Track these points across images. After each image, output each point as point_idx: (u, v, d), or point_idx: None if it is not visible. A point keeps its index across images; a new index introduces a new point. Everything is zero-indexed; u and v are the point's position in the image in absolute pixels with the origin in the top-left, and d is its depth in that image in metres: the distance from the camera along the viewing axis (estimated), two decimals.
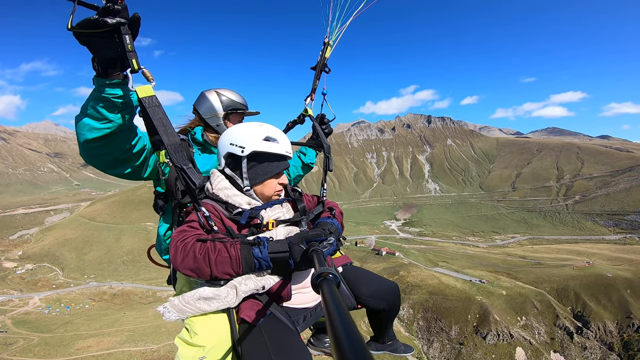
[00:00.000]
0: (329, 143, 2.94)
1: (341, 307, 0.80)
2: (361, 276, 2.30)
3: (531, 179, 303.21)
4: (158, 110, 1.77)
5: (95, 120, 1.72)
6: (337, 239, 2.03)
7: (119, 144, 1.89)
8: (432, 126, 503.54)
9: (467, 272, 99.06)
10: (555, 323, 74.27)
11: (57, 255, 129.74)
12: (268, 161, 2.02)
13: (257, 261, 1.66)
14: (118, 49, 1.61)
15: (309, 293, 1.96)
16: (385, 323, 2.49)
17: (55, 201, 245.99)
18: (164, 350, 46.83)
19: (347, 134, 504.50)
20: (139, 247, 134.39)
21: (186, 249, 1.63)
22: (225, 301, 1.69)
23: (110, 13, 1.52)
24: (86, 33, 1.54)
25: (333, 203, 2.38)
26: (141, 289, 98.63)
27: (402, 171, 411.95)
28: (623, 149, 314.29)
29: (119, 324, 62.26)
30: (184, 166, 1.76)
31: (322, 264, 1.36)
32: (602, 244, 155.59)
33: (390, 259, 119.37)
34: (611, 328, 74.07)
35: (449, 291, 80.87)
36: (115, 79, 1.66)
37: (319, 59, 3.23)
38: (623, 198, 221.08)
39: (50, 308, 79.68)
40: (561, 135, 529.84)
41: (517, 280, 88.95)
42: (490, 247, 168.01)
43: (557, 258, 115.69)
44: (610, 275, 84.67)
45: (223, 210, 1.91)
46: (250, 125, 2.06)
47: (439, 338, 71.79)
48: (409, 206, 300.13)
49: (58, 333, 56.96)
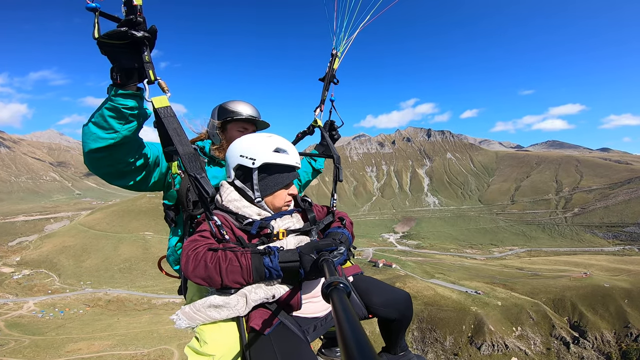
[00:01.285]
0: (338, 154, 2.94)
1: (352, 316, 0.79)
2: (372, 285, 2.28)
3: (530, 192, 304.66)
4: (173, 120, 1.77)
5: (101, 130, 1.76)
6: (348, 249, 2.02)
7: (122, 156, 1.92)
8: (432, 140, 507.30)
9: (463, 283, 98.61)
10: (552, 333, 73.53)
11: (55, 262, 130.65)
12: (278, 172, 2.02)
13: (268, 270, 1.66)
14: (137, 60, 1.66)
15: (319, 302, 1.94)
16: (396, 333, 2.45)
17: (56, 209, 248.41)
18: (154, 355, 46.97)
19: (347, 147, 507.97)
20: (136, 256, 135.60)
21: (197, 258, 1.64)
22: (235, 309, 1.69)
23: (132, 25, 1.57)
24: (110, 43, 1.58)
25: (343, 213, 2.39)
26: (136, 296, 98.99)
27: (402, 185, 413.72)
28: (622, 161, 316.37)
29: (112, 328, 62.42)
30: (198, 175, 1.73)
31: (332, 273, 1.35)
32: (600, 255, 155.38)
33: (387, 270, 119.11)
34: (609, 338, 73.34)
35: (444, 302, 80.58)
36: (129, 90, 1.72)
37: (327, 70, 3.29)
38: (622, 210, 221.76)
39: (44, 312, 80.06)
40: (561, 148, 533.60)
41: (513, 291, 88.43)
42: (487, 259, 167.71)
43: (554, 269, 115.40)
44: (607, 286, 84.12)
45: (233, 221, 1.91)
46: (259, 137, 2.05)
47: (434, 349, 71.06)
48: (407, 219, 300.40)
49: (50, 336, 57.12)
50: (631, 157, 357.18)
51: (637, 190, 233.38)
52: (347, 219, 2.31)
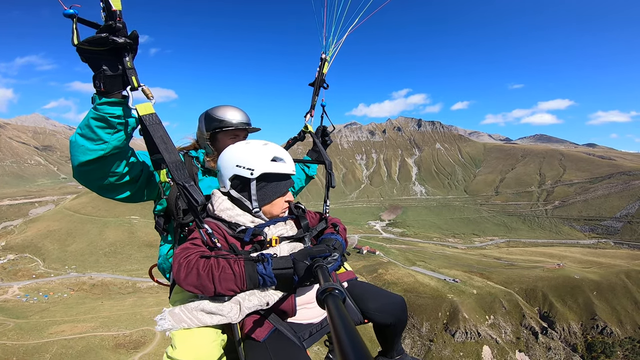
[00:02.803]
0: (330, 160, 2.97)
1: (347, 321, 0.80)
2: (367, 291, 2.30)
3: (514, 184, 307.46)
4: (159, 127, 1.74)
5: (90, 142, 1.70)
6: (342, 255, 2.02)
7: (112, 167, 1.87)
8: (422, 130, 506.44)
9: (442, 271, 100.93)
10: (522, 323, 75.73)
11: (39, 246, 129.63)
12: (276, 181, 2.01)
13: (261, 278, 1.64)
14: (119, 66, 1.62)
15: (314, 308, 1.94)
16: (392, 337, 2.48)
17: (40, 193, 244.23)
18: (136, 335, 48.16)
19: (337, 135, 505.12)
20: (122, 240, 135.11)
21: (189, 266, 1.61)
22: (229, 316, 1.66)
23: (112, 31, 1.53)
24: (91, 50, 1.55)
25: (336, 219, 2.39)
26: (121, 280, 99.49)
27: (390, 173, 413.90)
28: (606, 156, 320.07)
29: (95, 311, 63.16)
30: (186, 184, 1.71)
31: (326, 279, 1.35)
32: (575, 247, 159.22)
33: (370, 257, 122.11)
34: (575, 329, 75.81)
35: (422, 289, 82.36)
36: (114, 98, 1.67)
37: (316, 75, 3.25)
38: (601, 204, 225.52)
39: (28, 296, 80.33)
40: (549, 142, 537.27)
41: (489, 280, 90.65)
42: (468, 249, 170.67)
43: (529, 260, 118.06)
44: (577, 277, 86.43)
45: (226, 228, 1.90)
46: (254, 146, 2.03)
47: (411, 334, 72.82)
48: (394, 207, 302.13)
49: (34, 319, 57.68)
50: (615, 153, 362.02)
51: (617, 185, 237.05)
52: (341, 225, 2.31)
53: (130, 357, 41.24)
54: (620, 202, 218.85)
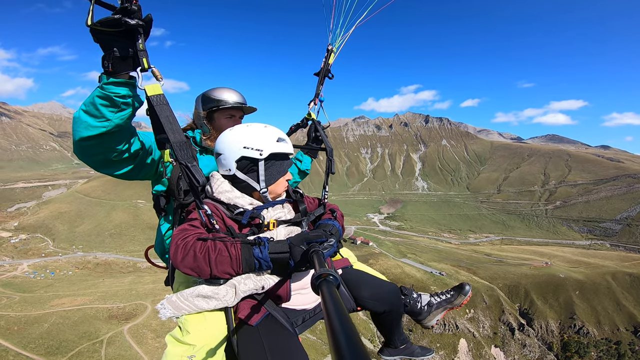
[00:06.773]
0: (332, 146, 2.91)
1: (340, 308, 0.80)
2: (361, 279, 2.29)
3: (517, 183, 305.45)
4: (165, 108, 1.73)
5: (93, 118, 1.72)
6: (338, 241, 2.00)
7: (112, 144, 1.89)
8: (429, 126, 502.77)
9: (430, 264, 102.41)
10: (500, 318, 76.89)
11: (50, 227, 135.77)
12: (281, 160, 2.06)
13: (258, 261, 1.63)
14: (129, 49, 1.64)
15: (308, 294, 1.93)
16: (390, 326, 2.49)
17: (54, 177, 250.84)
18: (129, 308, 51.73)
19: (344, 128, 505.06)
20: (127, 222, 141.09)
21: (187, 248, 1.60)
22: (224, 300, 1.67)
23: (126, 13, 1.55)
24: (103, 31, 1.56)
25: (334, 205, 2.38)
26: (123, 260, 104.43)
27: (394, 168, 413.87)
28: (614, 159, 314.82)
29: (95, 287, 67.20)
30: (189, 164, 1.70)
31: (322, 265, 1.33)
32: (568, 247, 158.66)
33: (363, 247, 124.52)
34: (553, 327, 77.10)
35: (407, 280, 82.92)
36: (121, 78, 1.69)
37: (322, 66, 3.24)
38: (602, 206, 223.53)
39: (36, 273, 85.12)
40: (560, 142, 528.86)
41: (475, 275, 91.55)
42: (461, 244, 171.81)
43: (518, 257, 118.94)
44: (562, 276, 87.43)
45: (224, 210, 1.90)
46: (257, 128, 2.04)
47: None
48: (394, 201, 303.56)
49: (38, 294, 61.53)
50: (625, 156, 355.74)
51: (621, 187, 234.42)
52: (338, 212, 2.32)
53: (120, 327, 45.07)
54: (622, 204, 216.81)
